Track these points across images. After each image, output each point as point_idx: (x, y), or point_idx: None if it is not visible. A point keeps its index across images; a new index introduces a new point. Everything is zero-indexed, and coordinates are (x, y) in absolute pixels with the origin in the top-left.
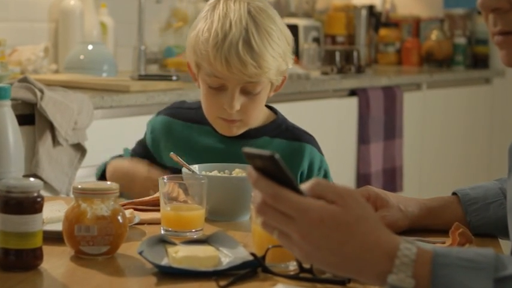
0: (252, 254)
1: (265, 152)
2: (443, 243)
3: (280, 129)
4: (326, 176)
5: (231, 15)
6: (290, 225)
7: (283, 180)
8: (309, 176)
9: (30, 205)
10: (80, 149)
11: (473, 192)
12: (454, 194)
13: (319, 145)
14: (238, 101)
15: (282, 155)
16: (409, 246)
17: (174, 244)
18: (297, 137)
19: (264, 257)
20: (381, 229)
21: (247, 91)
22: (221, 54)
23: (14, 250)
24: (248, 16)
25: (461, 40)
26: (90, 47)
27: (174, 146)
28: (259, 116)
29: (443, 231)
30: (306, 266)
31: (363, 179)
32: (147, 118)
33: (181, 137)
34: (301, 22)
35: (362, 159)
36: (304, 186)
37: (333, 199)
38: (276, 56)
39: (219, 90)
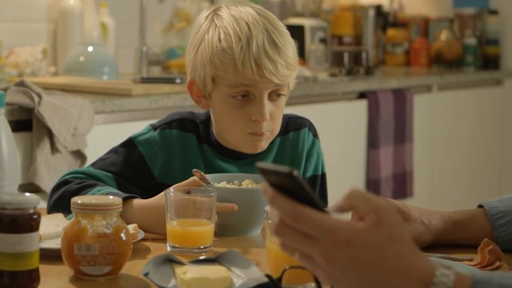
0: (267, 276)
1: (283, 168)
2: (471, 260)
3: None
4: (318, 159)
5: (243, 17)
6: (313, 247)
7: (303, 198)
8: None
9: (26, 223)
10: (79, 156)
11: (501, 204)
12: (480, 206)
13: (314, 127)
14: (268, 109)
15: (286, 150)
16: (446, 273)
17: (181, 264)
18: (291, 128)
19: (280, 279)
20: (415, 252)
21: (273, 97)
22: (250, 58)
23: (8, 272)
24: (260, 16)
25: (471, 40)
26: (90, 48)
27: (187, 162)
28: (280, 125)
29: (469, 247)
30: None
31: (372, 184)
32: (150, 123)
33: (194, 154)
34: (307, 22)
35: (371, 164)
36: (338, 201)
37: (365, 212)
38: (295, 53)
39: (245, 103)
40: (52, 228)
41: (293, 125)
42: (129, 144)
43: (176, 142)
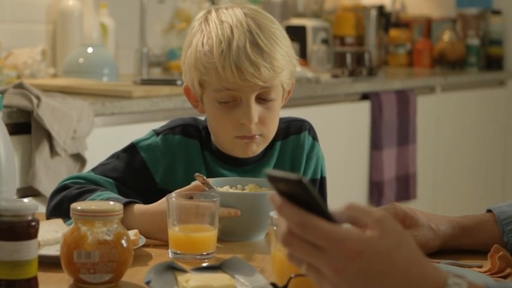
0: (272, 284)
1: (291, 175)
2: (481, 266)
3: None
4: (317, 162)
5: (228, 20)
6: (321, 258)
7: (312, 207)
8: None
9: (24, 230)
10: (79, 159)
11: (510, 209)
12: (488, 210)
13: (314, 130)
14: (256, 112)
15: (287, 154)
16: (459, 282)
17: (184, 271)
18: (291, 132)
19: (285, 287)
20: (424, 260)
21: (262, 99)
22: (230, 61)
23: (6, 281)
24: (246, 18)
25: (474, 41)
26: (89, 49)
27: (190, 169)
28: (275, 129)
29: (478, 252)
30: None
31: (375, 186)
32: (151, 125)
33: (197, 161)
34: (309, 23)
35: (375, 165)
36: (336, 210)
37: (368, 223)
38: (285, 56)
39: (232, 106)
40: (51, 234)
41: (293, 128)
42: (131, 149)
43: (179, 148)
